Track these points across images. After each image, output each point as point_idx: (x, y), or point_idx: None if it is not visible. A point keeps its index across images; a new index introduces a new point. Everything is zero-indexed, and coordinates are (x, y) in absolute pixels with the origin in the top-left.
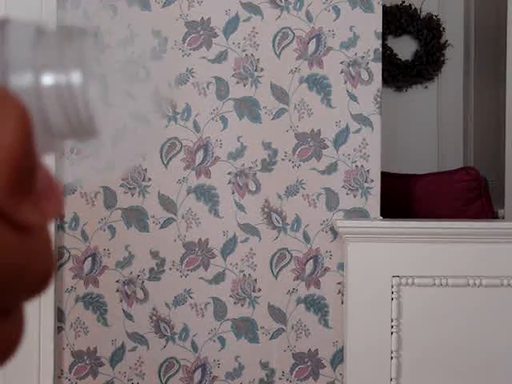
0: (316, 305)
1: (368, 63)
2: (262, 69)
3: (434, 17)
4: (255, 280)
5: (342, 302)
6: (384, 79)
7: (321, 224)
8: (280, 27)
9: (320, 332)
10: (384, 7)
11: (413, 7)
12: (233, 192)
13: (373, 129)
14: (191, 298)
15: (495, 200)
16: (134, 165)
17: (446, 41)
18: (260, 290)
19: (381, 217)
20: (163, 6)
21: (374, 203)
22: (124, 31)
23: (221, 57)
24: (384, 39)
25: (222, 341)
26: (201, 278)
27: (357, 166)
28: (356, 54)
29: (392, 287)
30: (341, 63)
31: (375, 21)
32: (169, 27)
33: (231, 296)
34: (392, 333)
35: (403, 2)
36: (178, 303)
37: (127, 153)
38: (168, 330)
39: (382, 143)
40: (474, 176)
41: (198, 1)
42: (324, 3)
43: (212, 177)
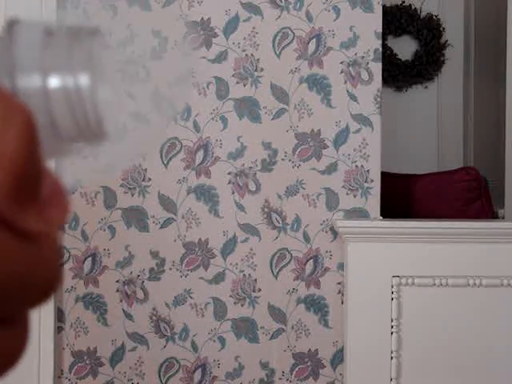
0: (316, 305)
1: (368, 63)
2: (262, 69)
3: (434, 17)
4: (255, 280)
5: (342, 302)
6: (384, 79)
7: (321, 224)
8: (280, 27)
9: (320, 332)
10: (384, 7)
11: (413, 7)
12: (233, 192)
13: (373, 129)
14: (191, 298)
15: (495, 200)
16: (134, 164)
17: (446, 41)
18: (260, 290)
19: (381, 217)
20: (163, 6)
21: (374, 203)
22: (124, 31)
23: (221, 57)
24: (384, 39)
25: (222, 341)
26: (201, 278)
27: (357, 166)
28: (356, 54)
29: (392, 287)
30: (341, 63)
31: (375, 21)
32: (169, 27)
33: (231, 296)
34: (392, 333)
35: (403, 2)
36: (178, 303)
37: (127, 153)
38: (168, 330)
39: (382, 143)
40: (474, 176)
41: (198, 1)
42: (324, 3)
43: (212, 177)
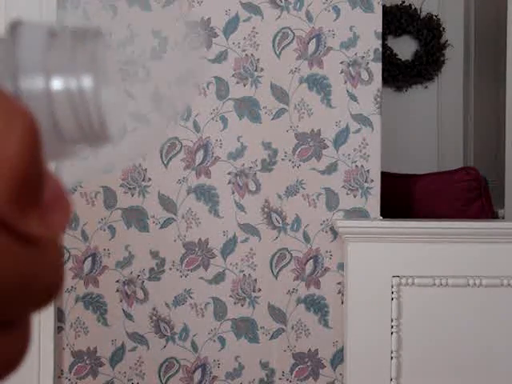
0: (316, 305)
1: (368, 63)
2: (262, 69)
3: (434, 17)
4: (255, 280)
5: (342, 302)
6: (384, 79)
7: (321, 224)
8: (280, 27)
9: (320, 332)
10: (384, 7)
11: (413, 7)
12: (233, 192)
13: (373, 129)
14: (191, 298)
15: (495, 200)
16: (134, 164)
17: (446, 41)
18: (260, 290)
19: (381, 217)
20: (163, 6)
21: (374, 203)
22: (124, 31)
23: (221, 57)
24: (384, 39)
25: (222, 341)
26: (201, 278)
27: (357, 166)
28: (356, 54)
29: (392, 287)
30: (341, 63)
31: (375, 21)
32: (169, 27)
33: (231, 296)
34: (392, 333)
35: (403, 2)
36: (178, 303)
37: (127, 153)
38: (168, 330)
39: (382, 143)
40: (474, 176)
41: (198, 1)
42: (324, 3)
43: (212, 177)
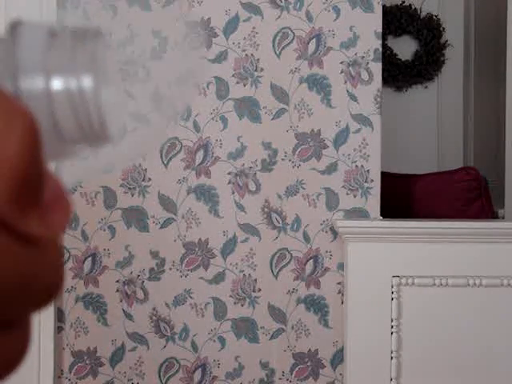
0: (316, 305)
1: (368, 63)
2: (262, 69)
3: (434, 17)
4: (255, 280)
5: (342, 302)
6: (384, 79)
7: (321, 224)
8: (280, 27)
9: (320, 332)
10: (384, 7)
11: (413, 7)
12: (233, 192)
13: (373, 129)
14: (191, 298)
15: (495, 200)
16: (134, 164)
17: (446, 41)
18: (260, 290)
19: (381, 217)
20: (163, 6)
21: (374, 203)
22: (124, 31)
23: (221, 57)
24: (384, 39)
25: (222, 341)
26: (201, 278)
27: (357, 166)
28: (356, 54)
29: (392, 287)
30: (341, 63)
31: (375, 21)
32: (169, 27)
33: (231, 296)
34: (392, 333)
35: (403, 2)
36: (178, 303)
37: (127, 153)
38: (168, 330)
39: (382, 143)
40: (474, 176)
41: (198, 1)
42: (324, 3)
43: (212, 177)
